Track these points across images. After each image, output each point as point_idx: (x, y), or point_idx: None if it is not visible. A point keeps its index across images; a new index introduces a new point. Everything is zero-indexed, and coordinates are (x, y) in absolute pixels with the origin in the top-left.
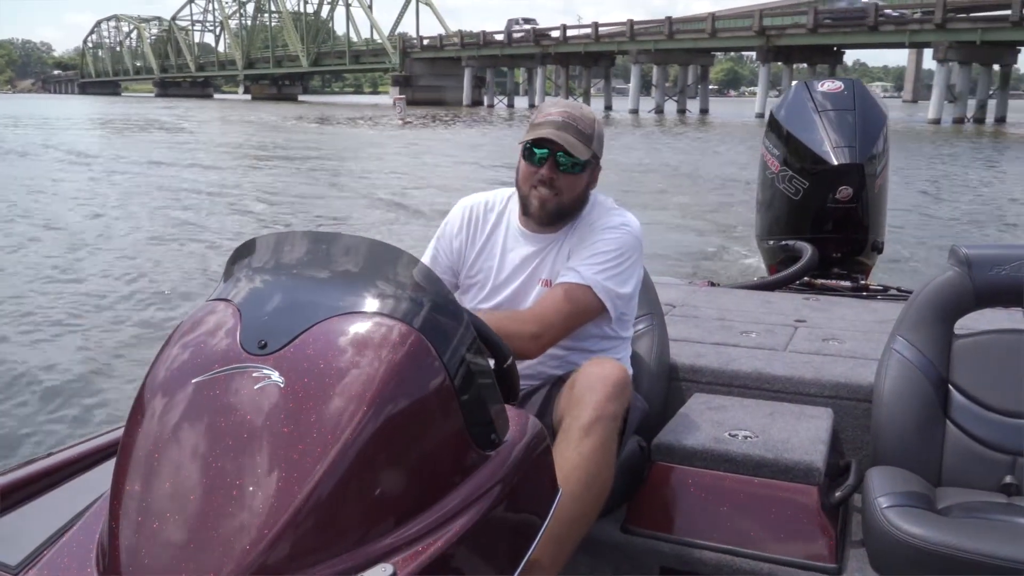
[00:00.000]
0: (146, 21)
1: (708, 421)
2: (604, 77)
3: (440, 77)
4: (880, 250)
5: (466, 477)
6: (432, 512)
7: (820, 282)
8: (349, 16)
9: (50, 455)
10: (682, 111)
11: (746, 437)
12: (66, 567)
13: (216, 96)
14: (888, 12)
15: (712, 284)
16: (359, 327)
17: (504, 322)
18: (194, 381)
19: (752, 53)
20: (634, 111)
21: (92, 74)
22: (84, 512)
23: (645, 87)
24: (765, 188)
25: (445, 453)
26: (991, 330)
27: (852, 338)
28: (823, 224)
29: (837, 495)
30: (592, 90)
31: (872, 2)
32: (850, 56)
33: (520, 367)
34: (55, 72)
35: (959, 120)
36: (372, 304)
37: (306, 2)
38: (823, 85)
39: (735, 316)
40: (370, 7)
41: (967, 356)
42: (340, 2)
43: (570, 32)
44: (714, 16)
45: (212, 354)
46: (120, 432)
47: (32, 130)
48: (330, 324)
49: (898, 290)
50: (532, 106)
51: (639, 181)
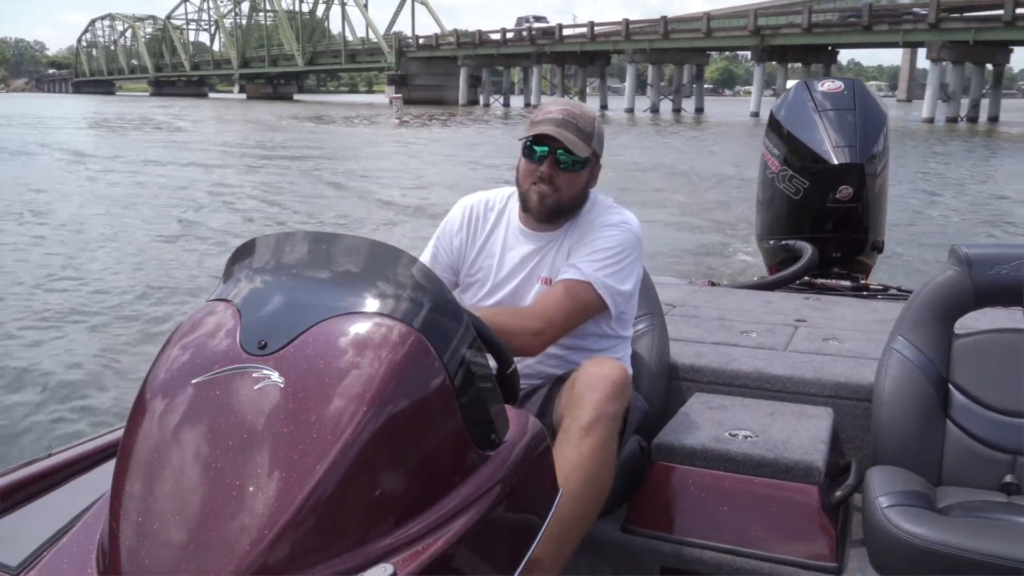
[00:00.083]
0: (141, 20)
1: (708, 421)
2: (600, 76)
3: (436, 76)
4: (880, 250)
5: (466, 477)
6: (432, 512)
7: (820, 282)
8: (345, 15)
9: (50, 456)
10: (677, 110)
11: (746, 437)
12: (66, 568)
13: (211, 95)
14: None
15: (712, 284)
16: (359, 327)
17: (506, 318)
18: (194, 381)
19: (747, 52)
20: (630, 110)
21: (86, 73)
22: (84, 513)
23: (641, 86)
24: (765, 188)
25: (445, 453)
26: (991, 329)
27: (852, 338)
28: (823, 224)
29: (837, 495)
30: (588, 89)
31: (867, 2)
32: (844, 55)
33: (520, 366)
34: (50, 71)
35: (952, 119)
36: (372, 304)
37: (302, 1)
38: (823, 85)
39: (735, 316)
40: (365, 6)
41: (967, 355)
42: (336, 1)
43: (566, 31)
44: (709, 16)
45: (212, 354)
46: (120, 433)
47: (26, 130)
48: (330, 324)
49: (898, 290)
50: (528, 105)
51: (636, 179)
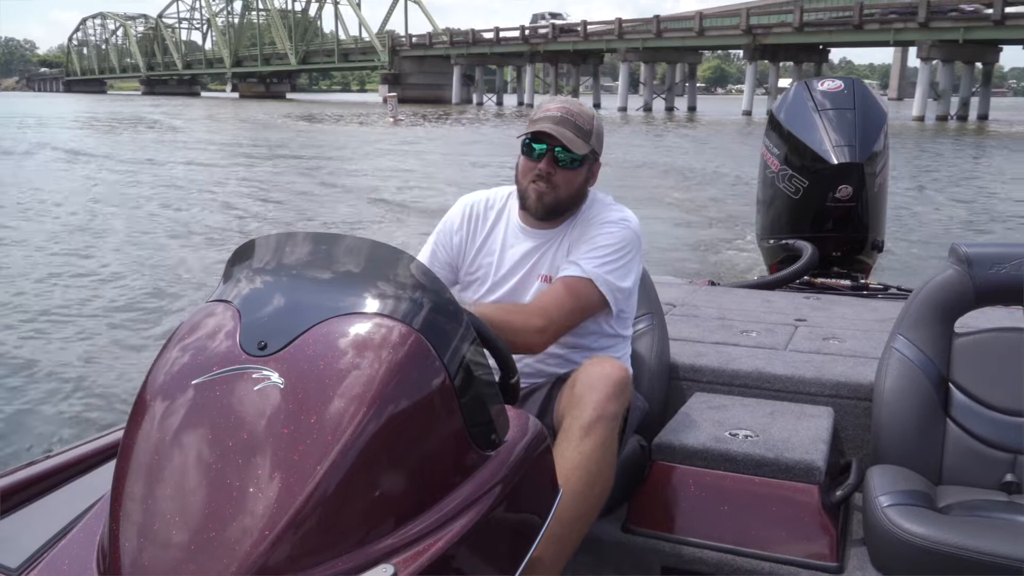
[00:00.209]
0: (132, 19)
1: (708, 420)
2: (593, 75)
3: (429, 75)
4: (880, 249)
5: (466, 477)
6: (433, 512)
7: (820, 281)
8: (337, 14)
9: (50, 457)
10: (670, 109)
11: (747, 436)
12: (67, 569)
13: (203, 94)
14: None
15: (712, 283)
16: (359, 328)
17: (509, 315)
18: (194, 382)
19: (739, 51)
20: (623, 109)
21: (77, 72)
22: (84, 514)
23: (633, 85)
24: (765, 187)
25: (445, 454)
26: (991, 328)
27: (852, 337)
28: (823, 223)
29: (838, 494)
30: (581, 88)
31: (858, 1)
32: (836, 54)
33: (520, 365)
34: (42, 70)
35: (942, 117)
36: (372, 305)
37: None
38: (823, 84)
39: (735, 315)
40: (358, 5)
41: (967, 354)
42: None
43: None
44: (702, 15)
45: (212, 355)
46: (120, 434)
47: (18, 130)
48: (330, 325)
49: (898, 289)
50: (521, 104)
51: (632, 177)
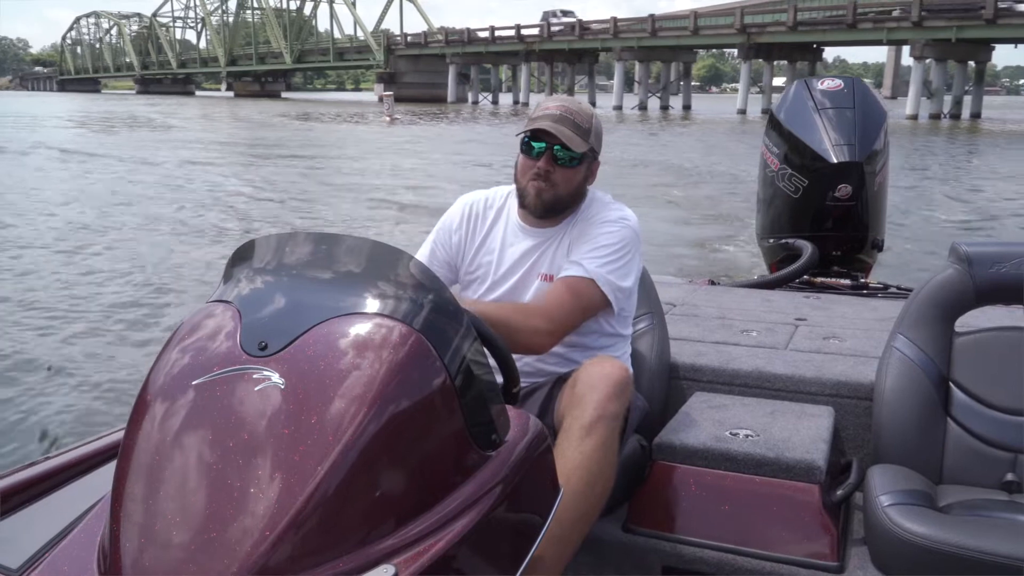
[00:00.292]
0: (126, 17)
1: (709, 420)
2: (588, 74)
3: (424, 74)
4: (880, 248)
5: (467, 478)
6: (433, 513)
7: (820, 280)
8: (332, 13)
9: (51, 458)
10: (665, 107)
11: (747, 436)
12: (67, 570)
13: (197, 93)
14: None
15: (712, 283)
16: (359, 328)
17: (513, 315)
18: (194, 383)
19: (734, 50)
20: (618, 108)
21: (71, 71)
22: (85, 515)
23: (628, 84)
24: (765, 186)
25: (446, 454)
26: (992, 327)
27: (853, 336)
28: (823, 222)
29: (838, 493)
30: (576, 87)
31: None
32: (830, 53)
33: (519, 364)
34: (36, 69)
35: (936, 116)
36: (372, 305)
37: None
38: (823, 83)
39: (735, 315)
40: (353, 4)
41: (968, 354)
42: None
43: (554, 29)
44: (696, 13)
45: (212, 356)
46: (121, 434)
47: (12, 130)
48: (330, 325)
49: (898, 288)
50: (516, 103)
51: (630, 176)
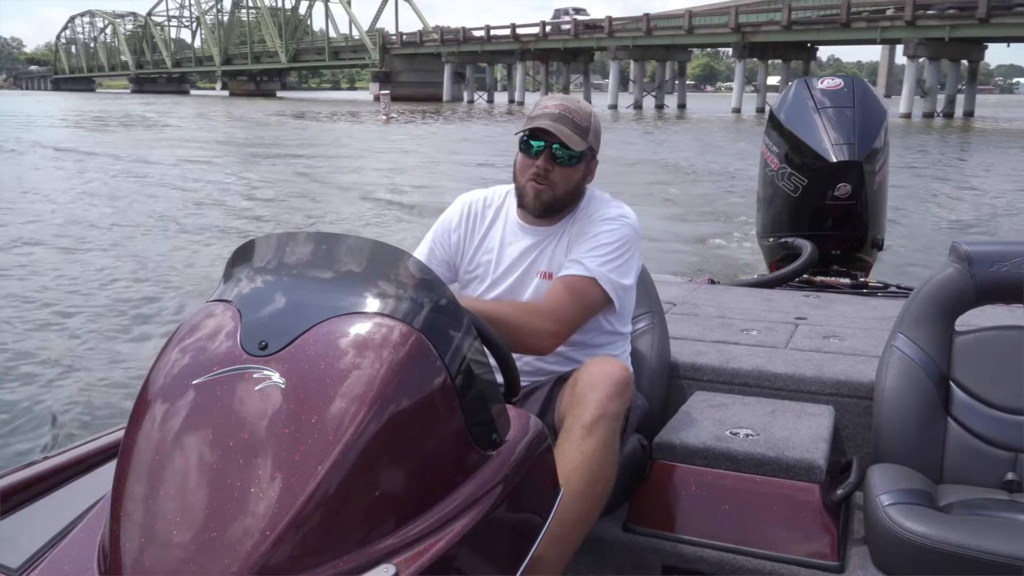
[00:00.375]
0: (121, 16)
1: (709, 419)
2: (583, 73)
3: (419, 73)
4: (880, 247)
5: (467, 477)
6: (434, 512)
7: (820, 279)
8: (328, 12)
9: (51, 457)
10: (660, 106)
11: (747, 435)
12: (67, 569)
13: (192, 92)
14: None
15: (712, 282)
16: (360, 328)
17: (519, 316)
18: (195, 382)
19: (728, 49)
20: (613, 107)
21: (66, 70)
22: (85, 514)
23: (623, 83)
24: (765, 185)
25: (446, 453)
26: (992, 327)
27: (853, 335)
28: (823, 221)
29: (839, 493)
30: (571, 86)
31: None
32: (824, 52)
33: (519, 363)
34: (30, 68)
35: (929, 114)
36: (373, 304)
37: None
38: (823, 82)
39: (735, 314)
40: (348, 3)
41: (968, 353)
42: None
43: (549, 28)
44: (691, 13)
45: (213, 355)
46: (121, 434)
47: (7, 129)
48: (331, 325)
49: (898, 287)
50: (512, 102)
51: (627, 174)
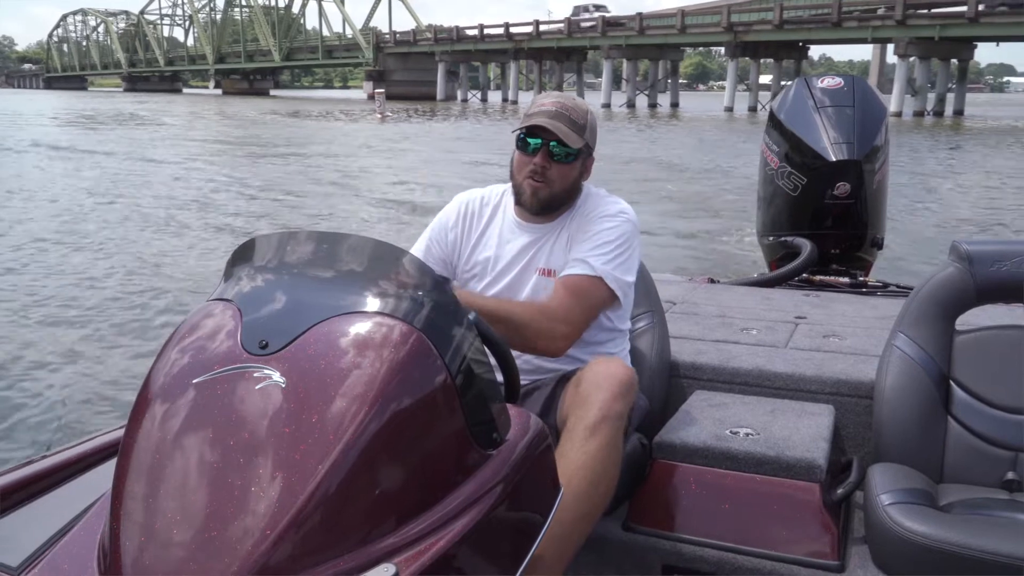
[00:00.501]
0: (114, 15)
1: (709, 418)
2: (576, 72)
3: (413, 72)
4: (880, 246)
5: (468, 476)
6: (434, 512)
7: (819, 278)
8: (321, 10)
9: (51, 455)
10: (653, 105)
11: (747, 434)
12: (67, 568)
13: (185, 91)
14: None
15: (712, 281)
16: (360, 327)
17: (534, 318)
18: (195, 381)
19: (721, 48)
20: (606, 105)
21: (58, 69)
22: (85, 512)
23: (616, 82)
24: (765, 184)
25: (447, 453)
26: (992, 326)
27: (853, 334)
28: (822, 220)
29: (839, 492)
30: (564, 85)
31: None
32: (816, 51)
33: (519, 362)
34: (24, 66)
35: (919, 113)
36: (373, 304)
37: None
38: (823, 81)
39: (735, 313)
40: (342, 1)
41: (968, 352)
42: None
43: (543, 27)
44: (683, 12)
45: (213, 354)
46: (121, 432)
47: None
48: (331, 324)
49: (897, 286)
50: (506, 100)
51: (623, 172)
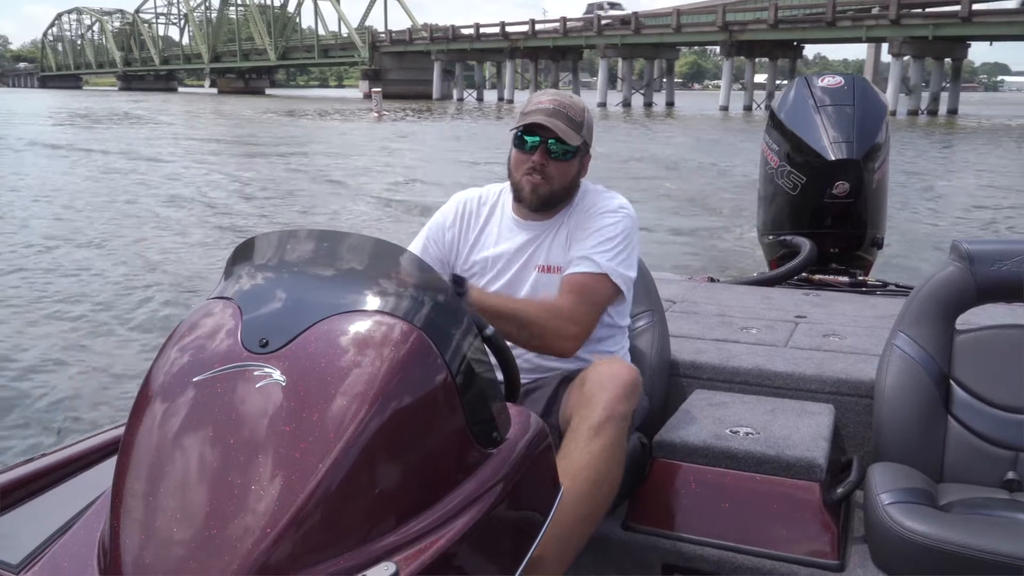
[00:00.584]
0: (108, 14)
1: (709, 417)
2: (572, 71)
3: (409, 71)
4: (880, 246)
5: (468, 475)
6: (434, 510)
7: (818, 277)
8: (317, 10)
9: (51, 453)
10: (649, 104)
11: (747, 433)
12: (67, 566)
13: (180, 90)
14: None
15: (712, 280)
16: (360, 325)
17: (548, 319)
18: (195, 379)
19: (716, 47)
20: (602, 104)
21: (53, 67)
22: (85, 510)
23: (612, 81)
24: (766, 183)
25: (447, 451)
26: (992, 325)
27: (853, 334)
28: (822, 219)
29: (839, 491)
30: (560, 84)
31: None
32: (811, 50)
33: (519, 361)
34: (20, 65)
35: (913, 112)
36: (373, 302)
37: None
38: (823, 80)
39: (735, 312)
40: (337, 0)
41: (969, 351)
42: None
43: (538, 27)
44: (679, 11)
45: (213, 353)
46: (121, 430)
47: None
48: (331, 322)
49: (896, 286)
50: (501, 99)
51: (620, 170)
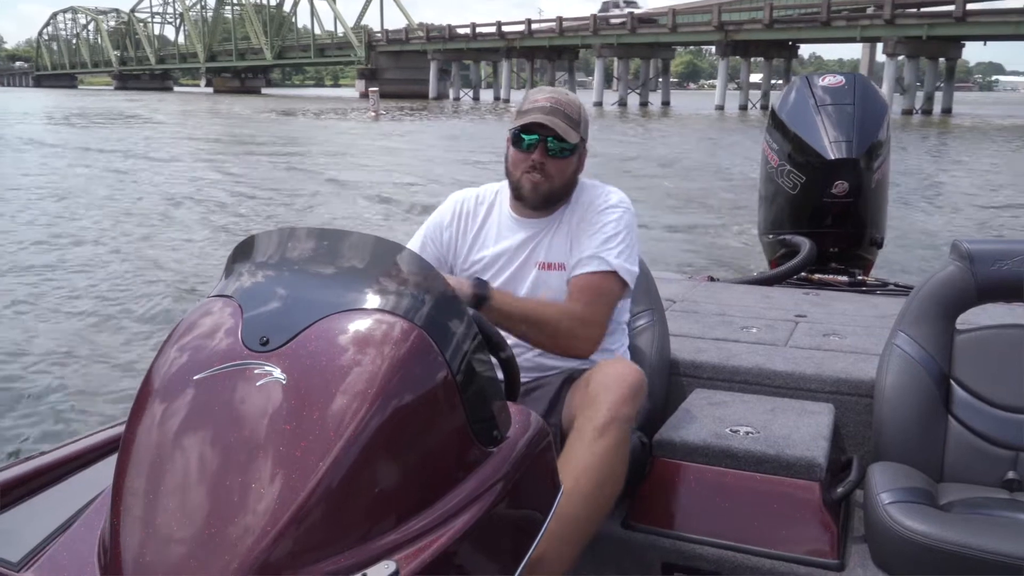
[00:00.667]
0: (104, 13)
1: (709, 417)
2: (568, 70)
3: (405, 70)
4: (880, 245)
5: (468, 474)
6: (435, 509)
7: (818, 277)
8: (313, 9)
9: (51, 451)
10: (644, 104)
11: (747, 433)
12: (68, 564)
13: (176, 89)
14: None
15: (712, 279)
16: (361, 324)
17: (565, 322)
18: (195, 378)
19: (711, 47)
20: (598, 104)
21: (48, 67)
22: (86, 508)
23: (608, 80)
24: (766, 183)
25: (448, 450)
26: (993, 325)
27: (853, 333)
28: (822, 219)
29: (839, 491)
30: (556, 83)
31: None
32: (806, 50)
33: (519, 360)
34: (15, 64)
35: (908, 111)
36: (374, 301)
37: None
38: (824, 79)
39: (735, 311)
40: (334, 0)
41: (969, 351)
42: None
43: (534, 26)
44: (674, 11)
45: (213, 351)
46: (121, 428)
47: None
48: (332, 321)
49: (896, 285)
50: (497, 99)
51: (619, 169)
